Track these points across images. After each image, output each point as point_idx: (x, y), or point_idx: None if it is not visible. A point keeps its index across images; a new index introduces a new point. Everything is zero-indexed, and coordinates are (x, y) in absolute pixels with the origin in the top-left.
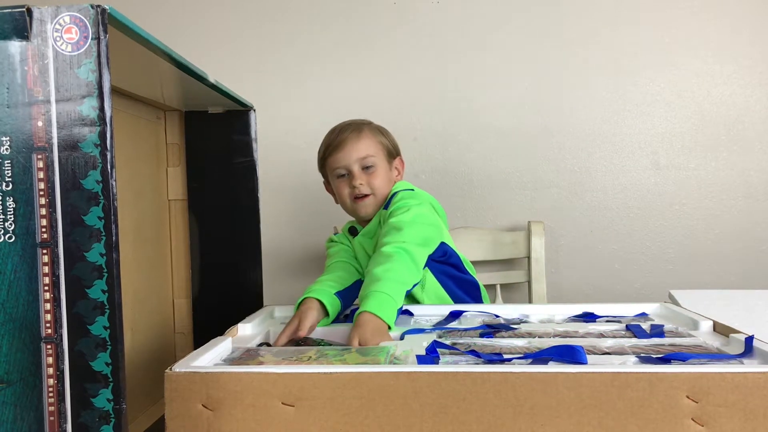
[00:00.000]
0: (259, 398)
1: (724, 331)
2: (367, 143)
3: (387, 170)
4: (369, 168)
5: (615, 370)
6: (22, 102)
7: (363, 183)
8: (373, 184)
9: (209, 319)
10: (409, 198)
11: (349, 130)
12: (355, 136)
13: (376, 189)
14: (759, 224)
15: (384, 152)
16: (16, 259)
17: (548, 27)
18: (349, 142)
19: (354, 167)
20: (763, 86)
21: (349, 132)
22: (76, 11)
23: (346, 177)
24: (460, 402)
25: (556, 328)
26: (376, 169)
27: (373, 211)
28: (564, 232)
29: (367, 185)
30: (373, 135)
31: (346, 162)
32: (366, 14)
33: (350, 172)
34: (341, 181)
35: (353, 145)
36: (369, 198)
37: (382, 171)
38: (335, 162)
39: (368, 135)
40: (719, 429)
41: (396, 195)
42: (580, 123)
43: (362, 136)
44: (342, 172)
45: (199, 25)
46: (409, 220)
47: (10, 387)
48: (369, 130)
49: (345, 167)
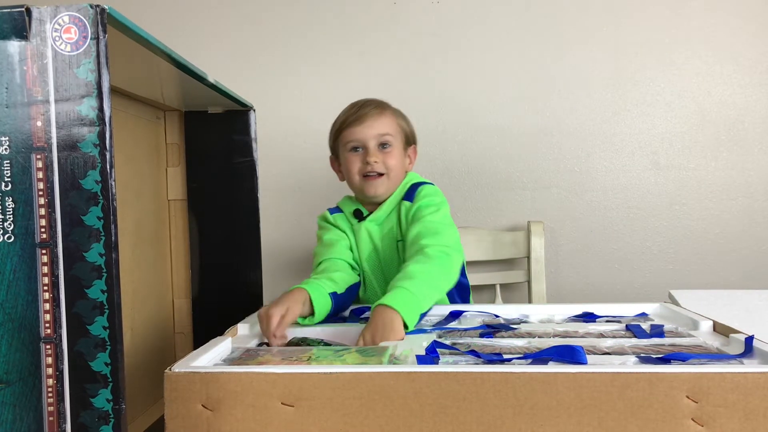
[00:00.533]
0: (258, 398)
1: (724, 331)
2: (388, 122)
3: (402, 154)
4: (385, 146)
5: (615, 370)
6: (21, 102)
7: (378, 161)
8: (388, 163)
9: (209, 319)
10: (434, 195)
11: (371, 105)
12: (378, 112)
13: (390, 169)
14: (759, 224)
15: (402, 136)
16: (15, 259)
17: (548, 27)
18: (369, 117)
19: (370, 143)
20: (763, 86)
21: (372, 108)
22: (75, 11)
23: (360, 152)
24: (460, 402)
25: (556, 328)
26: (392, 149)
27: (383, 192)
28: (564, 232)
29: (382, 164)
30: (395, 116)
31: (363, 135)
32: (366, 14)
33: (365, 148)
34: (353, 155)
35: (374, 121)
36: (381, 178)
37: (397, 153)
38: (351, 134)
39: (390, 114)
40: (719, 429)
41: (420, 188)
42: (580, 123)
43: (384, 114)
44: (356, 145)
45: (198, 25)
46: (442, 221)
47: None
48: (391, 110)
49: (361, 141)
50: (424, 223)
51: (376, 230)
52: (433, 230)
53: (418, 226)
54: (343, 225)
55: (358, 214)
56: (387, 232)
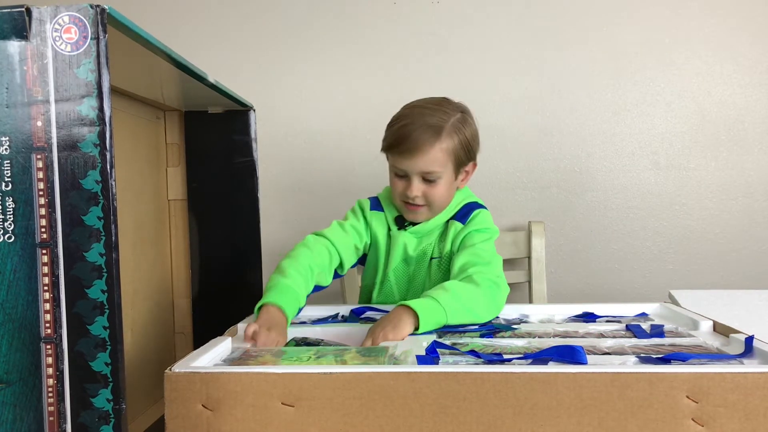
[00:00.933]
0: (259, 398)
1: (724, 331)
2: (436, 155)
3: (451, 181)
4: (431, 181)
5: (615, 370)
6: (22, 102)
7: (419, 195)
8: (430, 196)
9: (209, 319)
10: (488, 222)
11: (425, 134)
12: (429, 145)
13: (432, 202)
14: (759, 224)
15: (453, 161)
16: (15, 259)
17: (548, 27)
18: (418, 152)
19: (414, 177)
20: (763, 86)
21: (425, 138)
22: (75, 11)
23: (404, 179)
24: (460, 402)
25: (556, 328)
26: (438, 182)
27: (423, 219)
28: (564, 232)
29: (423, 197)
30: (448, 139)
31: (407, 167)
32: (366, 14)
33: (409, 178)
34: (397, 179)
35: (421, 156)
36: (422, 208)
37: (444, 184)
38: (396, 161)
39: (443, 143)
40: (719, 429)
41: (476, 213)
42: (580, 123)
43: (436, 144)
44: (401, 173)
45: (198, 25)
46: (493, 250)
47: (9, 387)
48: (447, 135)
49: (405, 171)
50: (475, 251)
51: (413, 242)
52: (485, 260)
53: (469, 254)
54: (376, 225)
55: (399, 221)
56: (424, 247)
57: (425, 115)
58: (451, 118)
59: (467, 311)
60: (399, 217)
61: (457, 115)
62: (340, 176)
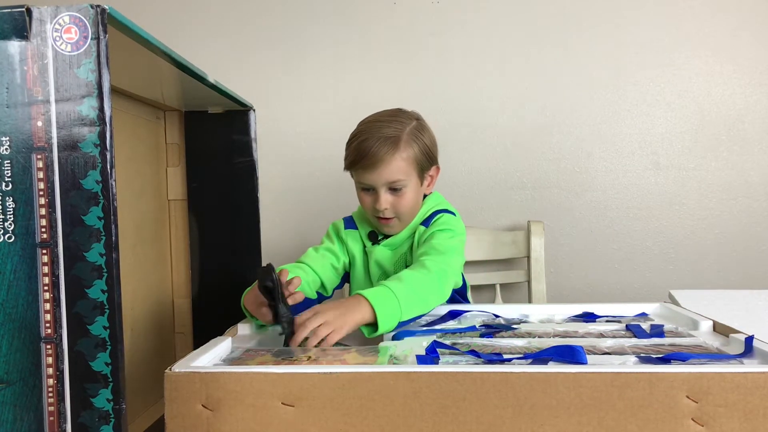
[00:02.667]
0: (259, 398)
1: (724, 331)
2: (398, 165)
3: (417, 188)
4: (397, 190)
5: (615, 370)
6: (22, 102)
7: (388, 207)
8: (398, 208)
9: (209, 319)
10: (451, 223)
11: (383, 146)
12: (389, 156)
13: (401, 213)
14: (759, 224)
15: (416, 168)
16: (15, 259)
17: (548, 27)
18: (380, 163)
19: (380, 189)
20: (763, 86)
21: (384, 150)
22: (75, 11)
23: (371, 192)
24: (460, 402)
25: (556, 328)
26: (405, 191)
27: (397, 230)
28: (564, 232)
29: (392, 209)
30: (409, 148)
31: (372, 181)
32: (366, 14)
33: (376, 191)
34: (365, 194)
35: (383, 167)
36: (393, 220)
37: (410, 192)
38: (362, 178)
39: (401, 152)
40: (719, 429)
41: (439, 216)
42: (580, 123)
43: (395, 154)
44: (367, 188)
45: (198, 25)
46: (453, 246)
47: (9, 387)
48: (405, 144)
49: (370, 185)
50: (432, 244)
51: (388, 255)
52: (440, 250)
53: (426, 246)
54: (352, 243)
55: (372, 236)
56: (399, 258)
57: (381, 128)
58: (407, 127)
59: (421, 301)
60: (372, 233)
61: (412, 123)
62: (339, 176)
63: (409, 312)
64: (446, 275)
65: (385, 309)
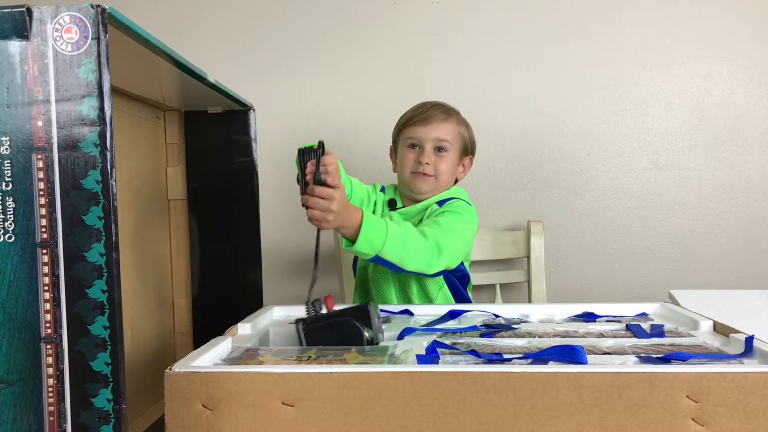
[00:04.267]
0: (259, 398)
1: (724, 331)
2: (449, 128)
3: (456, 161)
4: (441, 150)
5: (615, 370)
6: (22, 102)
7: (430, 163)
8: (439, 167)
9: (209, 319)
10: (466, 211)
11: (439, 109)
12: (443, 117)
13: (440, 173)
14: (759, 224)
15: (460, 144)
16: (15, 259)
17: (548, 27)
18: (434, 121)
19: (428, 144)
20: (763, 86)
21: (439, 111)
22: (76, 11)
23: (416, 150)
24: (460, 402)
25: (556, 328)
26: (447, 154)
27: (428, 190)
28: (564, 232)
29: (433, 166)
30: (458, 124)
31: (423, 136)
32: (366, 14)
33: (422, 147)
34: (409, 151)
35: (437, 125)
36: (430, 178)
37: (451, 159)
38: (412, 132)
39: (454, 122)
40: (719, 429)
41: (454, 201)
42: (580, 123)
43: (449, 120)
44: (414, 143)
45: (198, 25)
46: (456, 229)
47: (9, 387)
48: (457, 118)
49: (419, 140)
50: (437, 220)
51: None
52: (443, 228)
53: (431, 220)
54: (379, 201)
55: (392, 203)
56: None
57: (438, 102)
58: (459, 113)
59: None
60: (391, 200)
61: (461, 115)
62: None
63: (388, 253)
64: (440, 250)
65: (369, 235)
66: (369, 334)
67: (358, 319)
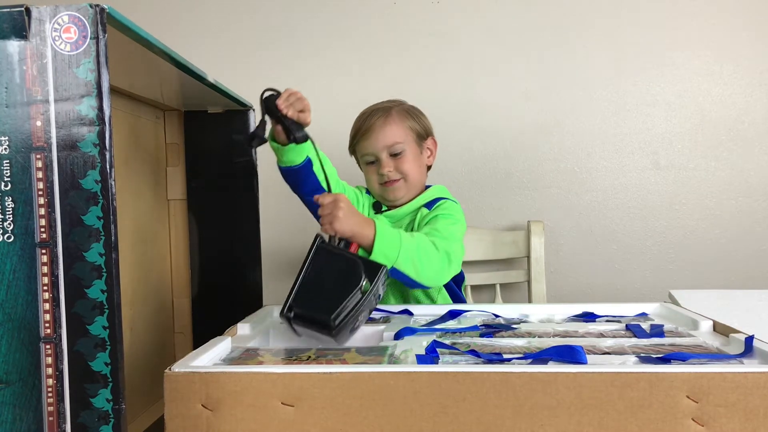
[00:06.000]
0: (258, 398)
1: (724, 331)
2: (394, 129)
3: (417, 154)
4: (397, 154)
5: (615, 370)
6: (21, 102)
7: (391, 169)
8: (402, 168)
9: (209, 319)
10: (455, 210)
11: (376, 115)
12: (382, 121)
13: (406, 173)
14: (759, 224)
15: (413, 136)
16: (15, 259)
17: (548, 27)
18: (375, 129)
19: (382, 154)
20: (763, 86)
21: (376, 118)
22: (74, 11)
23: (375, 164)
24: (460, 402)
25: (556, 328)
26: (404, 154)
27: (403, 194)
28: (564, 232)
29: (396, 171)
30: (401, 120)
31: (372, 149)
32: (366, 14)
33: (378, 159)
34: (370, 168)
35: (380, 132)
36: (399, 182)
37: (411, 156)
38: (363, 148)
39: (395, 120)
40: (719, 429)
41: (443, 202)
42: (580, 123)
43: (389, 121)
44: (371, 159)
45: (198, 24)
46: (455, 233)
47: (9, 387)
48: (397, 114)
49: (373, 154)
50: (436, 227)
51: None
52: (444, 235)
53: (430, 228)
54: (366, 203)
55: (377, 206)
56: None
57: (375, 107)
58: (398, 105)
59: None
60: (376, 203)
61: (403, 104)
62: (339, 176)
63: (403, 263)
64: (450, 260)
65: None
66: (365, 285)
67: (367, 270)
